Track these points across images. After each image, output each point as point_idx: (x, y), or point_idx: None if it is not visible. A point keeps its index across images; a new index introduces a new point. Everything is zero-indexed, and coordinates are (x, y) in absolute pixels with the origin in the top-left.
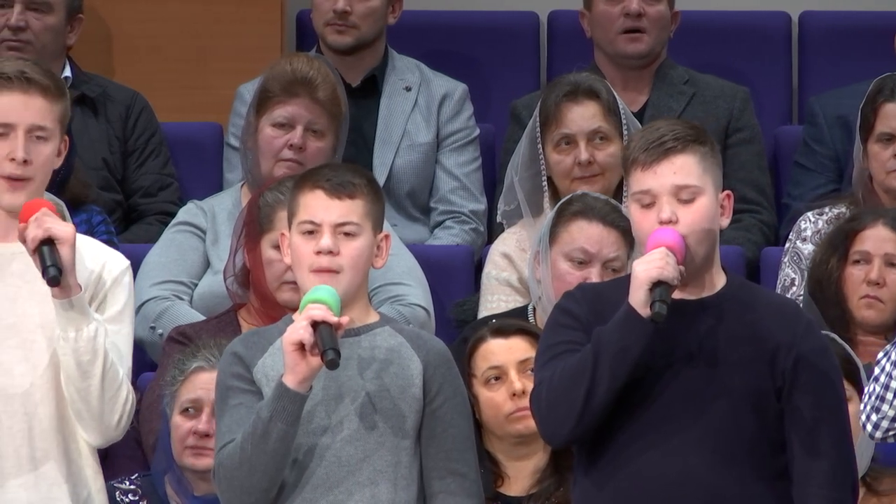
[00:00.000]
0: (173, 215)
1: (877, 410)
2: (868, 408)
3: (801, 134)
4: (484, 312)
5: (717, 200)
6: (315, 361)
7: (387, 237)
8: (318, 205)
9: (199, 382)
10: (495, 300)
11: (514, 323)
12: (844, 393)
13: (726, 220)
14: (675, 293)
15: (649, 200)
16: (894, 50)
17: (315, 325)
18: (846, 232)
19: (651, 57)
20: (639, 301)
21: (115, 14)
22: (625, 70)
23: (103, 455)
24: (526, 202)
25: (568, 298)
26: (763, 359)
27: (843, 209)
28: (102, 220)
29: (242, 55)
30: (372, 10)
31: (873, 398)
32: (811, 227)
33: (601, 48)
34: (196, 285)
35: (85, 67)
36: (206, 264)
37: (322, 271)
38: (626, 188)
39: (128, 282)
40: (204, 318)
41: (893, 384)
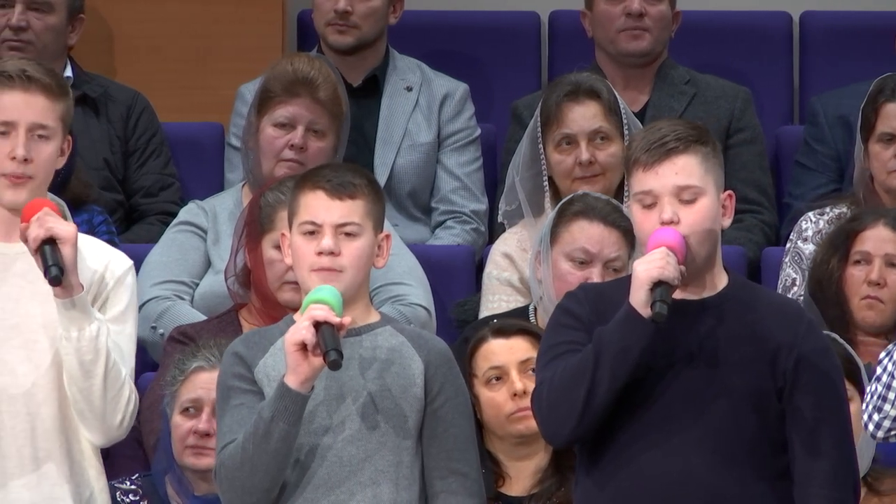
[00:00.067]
0: (174, 215)
1: (879, 410)
2: (870, 407)
3: (802, 134)
4: (485, 312)
5: (718, 201)
6: (317, 362)
7: (388, 237)
8: (319, 205)
9: (199, 382)
10: (496, 300)
11: (515, 323)
12: (846, 393)
13: (728, 221)
14: (676, 293)
15: (651, 201)
16: (895, 50)
17: (317, 325)
18: (847, 232)
19: (652, 56)
20: (639, 301)
21: (116, 14)
22: (626, 70)
23: (104, 455)
24: (527, 202)
25: (570, 298)
26: (764, 359)
27: (845, 209)
28: (103, 220)
29: (243, 55)
30: (373, 10)
31: (875, 398)
32: (812, 226)
33: (602, 48)
34: (197, 285)
35: (86, 67)
36: (208, 264)
37: (323, 271)
38: (628, 188)
39: (131, 282)
40: (205, 317)
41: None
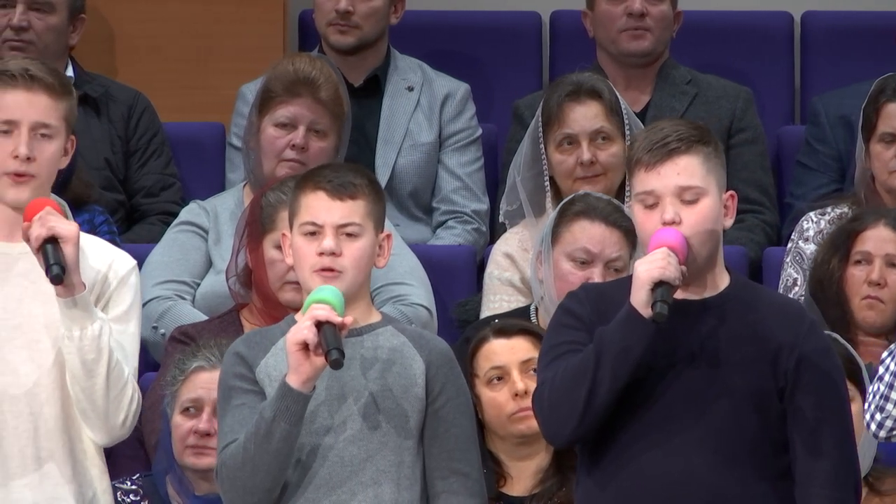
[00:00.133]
0: (175, 215)
1: (881, 410)
2: (872, 407)
3: (804, 134)
4: (486, 312)
5: (720, 201)
6: (319, 361)
7: (389, 237)
8: (319, 206)
9: (199, 382)
10: (497, 300)
11: (516, 323)
12: (847, 393)
13: (730, 221)
14: (677, 293)
15: (653, 201)
16: None
17: (319, 324)
18: (847, 232)
19: (653, 56)
20: (640, 301)
21: (117, 14)
22: (627, 70)
23: (105, 455)
24: (528, 202)
25: (571, 298)
26: (765, 359)
27: (846, 209)
28: (105, 220)
29: (244, 55)
30: (374, 10)
31: (878, 397)
32: (813, 226)
33: (604, 48)
34: (198, 285)
35: (87, 67)
36: (209, 264)
37: (324, 272)
38: (630, 188)
39: (134, 282)
40: (206, 317)
41: None
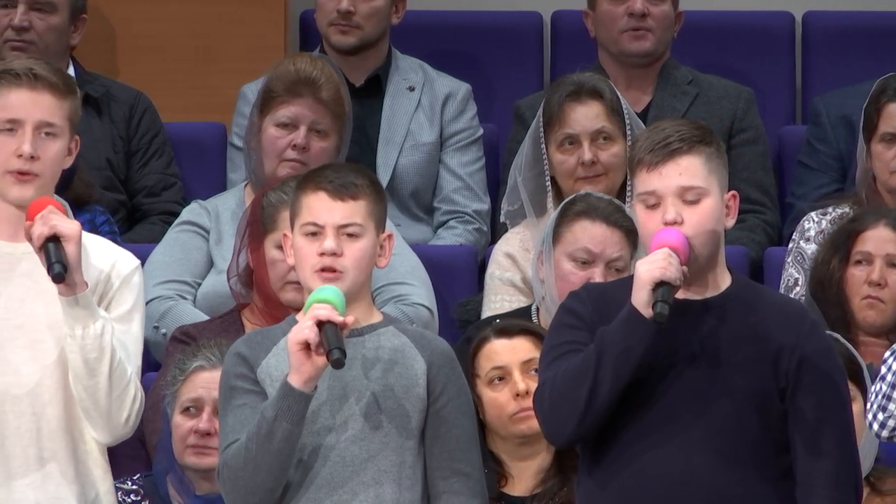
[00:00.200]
0: (177, 215)
1: (883, 409)
2: (875, 407)
3: (805, 134)
4: (487, 312)
5: (722, 201)
6: (320, 361)
7: (390, 237)
8: (321, 206)
9: (199, 382)
10: (499, 300)
11: (517, 323)
12: (848, 393)
13: (731, 221)
14: (679, 293)
15: (654, 201)
16: None
17: (320, 324)
18: (848, 232)
19: (655, 56)
20: (641, 301)
21: (118, 14)
22: (628, 70)
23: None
24: (529, 202)
25: (573, 298)
26: (766, 359)
27: (847, 209)
28: (106, 220)
29: (246, 55)
30: (375, 10)
31: (880, 397)
32: (815, 226)
33: (605, 48)
34: (200, 285)
35: (88, 67)
36: (210, 264)
37: (325, 272)
38: (631, 189)
39: (137, 281)
40: (207, 317)
41: None
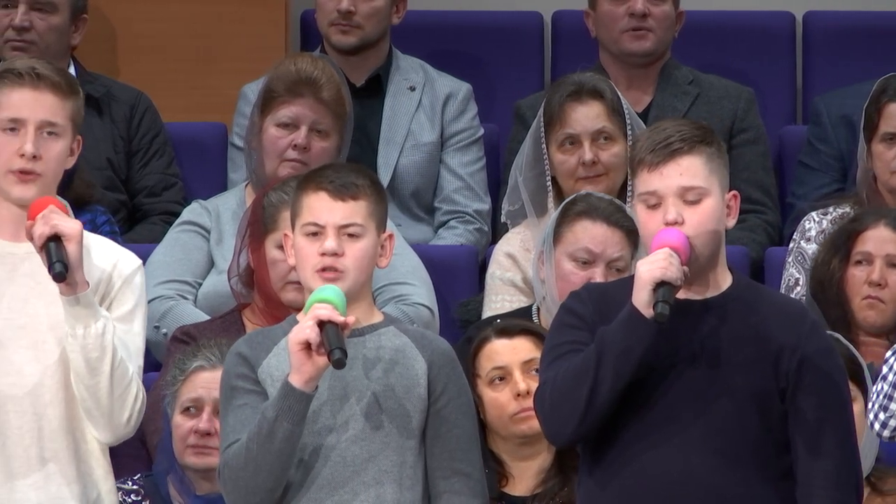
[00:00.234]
0: (177, 215)
1: (885, 409)
2: (876, 406)
3: (806, 134)
4: (488, 312)
5: (723, 201)
6: (321, 361)
7: (391, 237)
8: (321, 206)
9: (199, 382)
10: (499, 300)
11: (518, 323)
12: (849, 393)
13: (732, 221)
14: (680, 293)
15: (655, 201)
16: None
17: (321, 324)
18: (848, 232)
19: (655, 56)
20: (642, 301)
21: (119, 14)
22: (629, 70)
23: None
24: (530, 202)
25: (573, 298)
26: (767, 360)
27: (848, 209)
28: (107, 220)
29: (246, 55)
30: (376, 10)
31: (881, 397)
32: (815, 226)
33: (606, 48)
34: (200, 285)
35: (89, 67)
36: (211, 264)
37: (326, 272)
38: (632, 189)
39: (139, 281)
40: (208, 317)
41: None
